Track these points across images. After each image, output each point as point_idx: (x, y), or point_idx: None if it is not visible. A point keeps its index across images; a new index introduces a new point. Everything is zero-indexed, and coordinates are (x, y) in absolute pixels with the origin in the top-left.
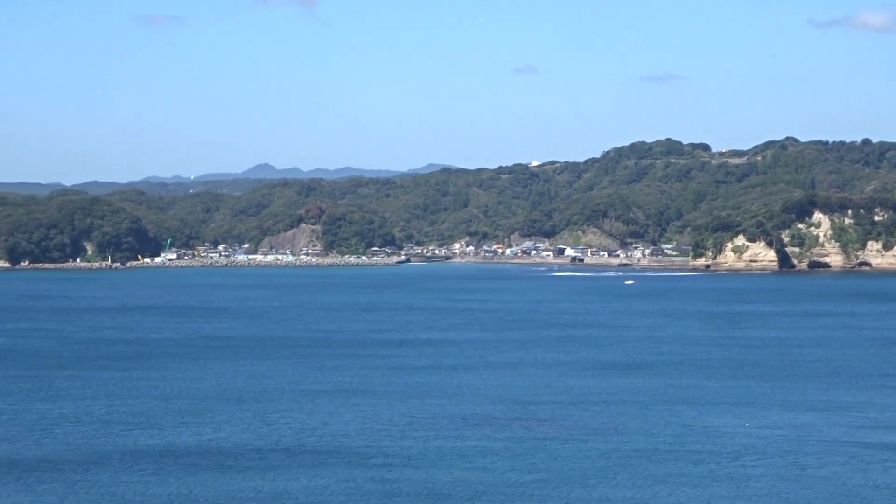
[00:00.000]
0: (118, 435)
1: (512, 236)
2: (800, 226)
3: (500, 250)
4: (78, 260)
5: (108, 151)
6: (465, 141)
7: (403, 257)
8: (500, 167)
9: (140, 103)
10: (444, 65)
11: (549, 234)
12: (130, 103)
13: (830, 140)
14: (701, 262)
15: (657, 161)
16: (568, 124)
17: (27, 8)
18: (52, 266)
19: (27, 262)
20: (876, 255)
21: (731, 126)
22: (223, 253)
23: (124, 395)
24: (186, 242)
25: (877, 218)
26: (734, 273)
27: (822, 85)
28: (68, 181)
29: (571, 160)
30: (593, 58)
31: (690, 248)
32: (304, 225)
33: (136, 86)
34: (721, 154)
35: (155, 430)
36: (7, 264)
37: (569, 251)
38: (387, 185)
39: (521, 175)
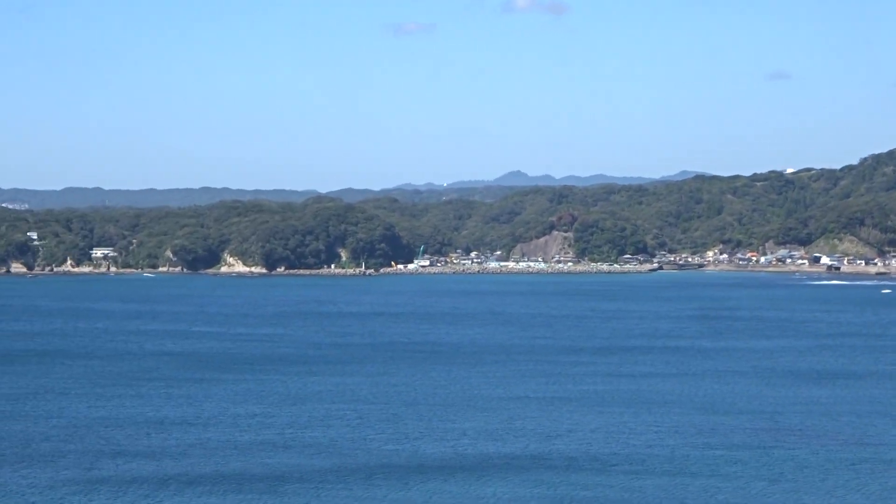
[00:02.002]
0: (365, 440)
1: (766, 244)
2: None
3: (753, 258)
4: (332, 266)
5: (362, 159)
6: (718, 148)
7: (656, 265)
8: (755, 174)
9: (393, 111)
10: (696, 71)
11: (804, 243)
12: (382, 111)
13: None
14: None
15: None
16: (823, 131)
17: (281, 16)
18: (307, 272)
19: (283, 268)
20: None
21: None
22: (475, 260)
23: (372, 399)
24: (439, 249)
25: None
26: None
27: None
28: (323, 188)
29: (827, 167)
30: (847, 63)
31: None
32: (556, 232)
33: (388, 94)
34: None
35: (401, 435)
36: (264, 270)
37: (824, 259)
38: (639, 192)
39: (776, 182)
